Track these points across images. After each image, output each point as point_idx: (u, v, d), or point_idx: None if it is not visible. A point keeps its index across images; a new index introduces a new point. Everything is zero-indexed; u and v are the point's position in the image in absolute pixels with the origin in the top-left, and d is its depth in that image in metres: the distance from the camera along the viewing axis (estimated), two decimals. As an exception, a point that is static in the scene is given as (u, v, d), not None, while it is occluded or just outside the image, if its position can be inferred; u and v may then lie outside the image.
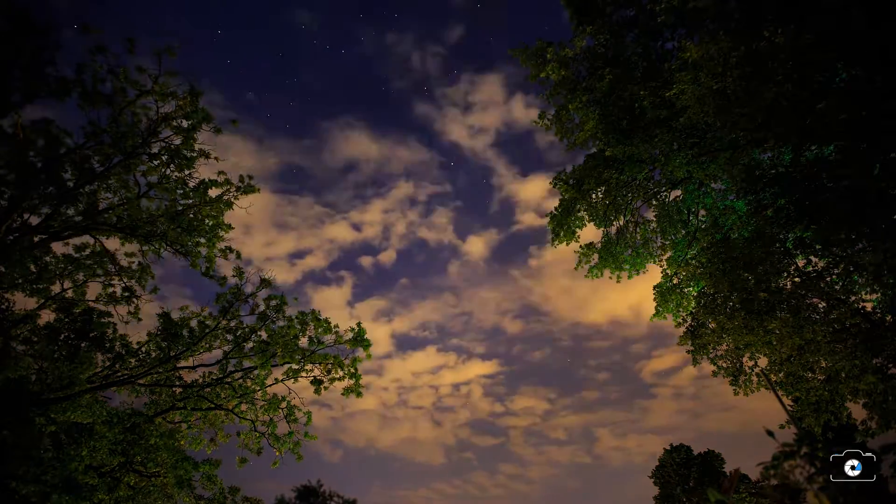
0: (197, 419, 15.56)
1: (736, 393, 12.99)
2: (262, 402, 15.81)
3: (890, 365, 10.09)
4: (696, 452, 37.84)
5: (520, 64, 14.30)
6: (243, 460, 15.69)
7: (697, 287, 14.07)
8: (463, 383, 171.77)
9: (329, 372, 15.78)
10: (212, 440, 15.81)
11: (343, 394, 15.90)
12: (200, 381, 15.31)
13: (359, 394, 15.96)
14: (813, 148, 9.93)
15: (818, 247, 10.05)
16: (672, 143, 12.55)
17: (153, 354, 14.75)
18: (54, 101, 11.86)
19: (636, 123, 12.77)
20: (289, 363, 15.62)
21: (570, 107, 13.96)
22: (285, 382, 15.81)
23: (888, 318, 10.10)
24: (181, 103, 13.47)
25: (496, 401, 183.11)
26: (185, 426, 15.55)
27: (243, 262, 15.54)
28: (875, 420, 10.45)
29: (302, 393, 18.45)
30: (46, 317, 13.68)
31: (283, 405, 15.82)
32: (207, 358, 15.55)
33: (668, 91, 11.00)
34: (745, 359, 12.86)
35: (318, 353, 15.74)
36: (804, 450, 3.07)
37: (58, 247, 14.13)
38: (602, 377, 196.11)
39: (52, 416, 12.54)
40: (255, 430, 15.74)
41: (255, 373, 15.48)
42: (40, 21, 11.11)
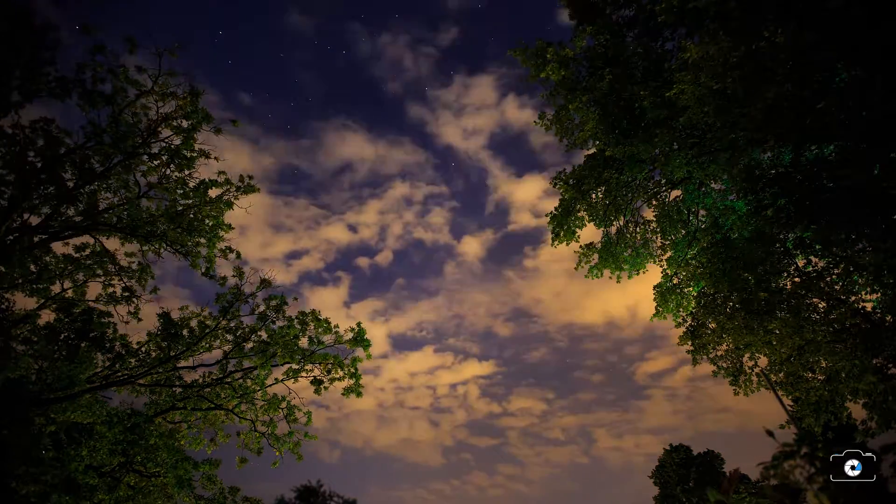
0: (197, 419, 15.57)
1: (736, 393, 12.97)
2: (262, 403, 15.83)
3: (890, 365, 10.08)
4: (695, 452, 37.88)
5: (520, 64, 14.29)
6: (243, 460, 15.71)
7: (697, 287, 14.05)
8: (460, 384, 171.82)
9: (329, 372, 15.80)
10: (212, 440, 15.82)
11: (343, 394, 15.93)
12: (200, 381, 15.32)
13: (359, 394, 15.97)
14: (813, 148, 9.91)
15: (818, 247, 10.05)
16: (672, 143, 12.54)
17: (153, 354, 14.75)
18: (54, 101, 11.88)
19: (636, 123, 12.76)
20: (289, 363, 15.63)
21: (570, 107, 13.94)
22: (285, 382, 15.85)
23: (888, 318, 10.09)
24: (181, 103, 13.48)
25: (493, 401, 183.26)
26: (185, 426, 15.56)
27: (241, 263, 15.55)
28: (875, 420, 10.43)
29: (302, 393, 18.46)
30: (46, 317, 13.71)
31: (283, 405, 15.84)
32: (207, 358, 15.59)
33: (669, 91, 10.98)
34: (745, 359, 12.85)
35: (318, 353, 15.76)
36: (804, 450, 3.07)
37: (58, 247, 14.16)
38: (597, 378, 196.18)
39: (52, 416, 12.55)
40: (255, 430, 15.75)
41: (255, 373, 15.48)
42: (40, 21, 11.13)
